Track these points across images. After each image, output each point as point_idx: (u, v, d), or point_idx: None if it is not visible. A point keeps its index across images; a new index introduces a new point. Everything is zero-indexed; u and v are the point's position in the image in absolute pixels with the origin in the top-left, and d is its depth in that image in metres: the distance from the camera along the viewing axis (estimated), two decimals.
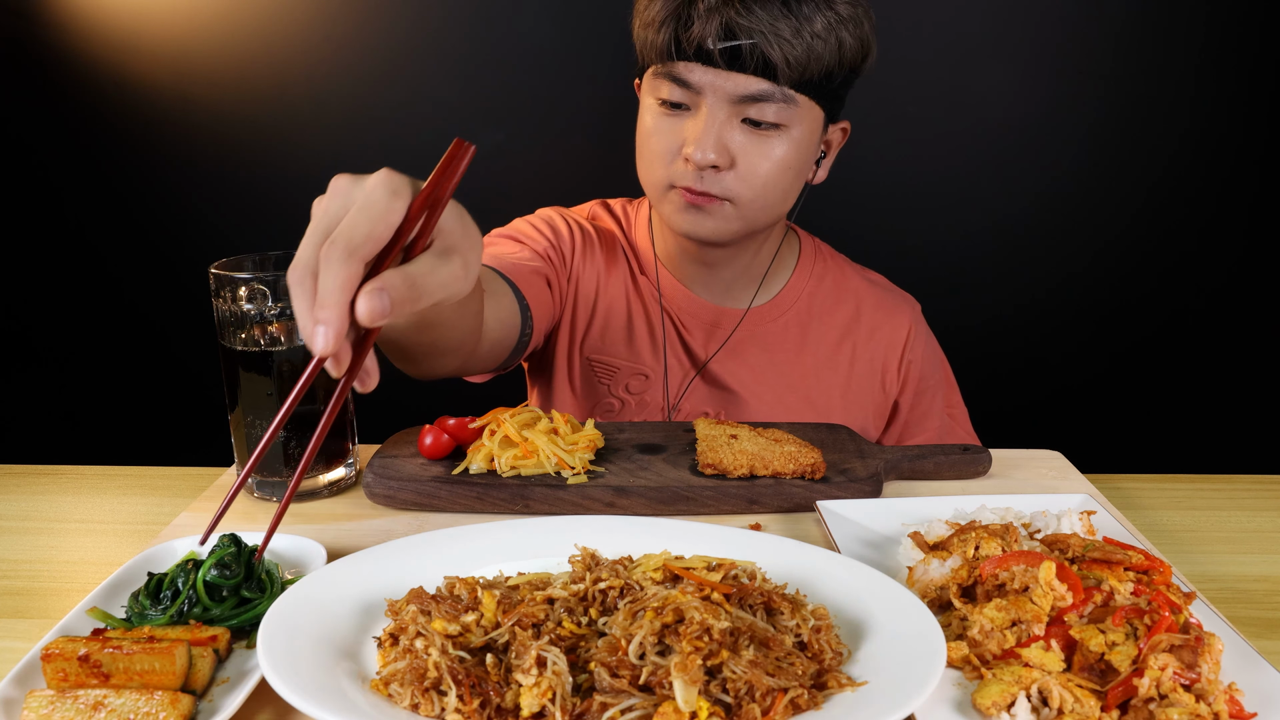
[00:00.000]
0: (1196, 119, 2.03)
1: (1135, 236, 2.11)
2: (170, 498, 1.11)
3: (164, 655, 0.68)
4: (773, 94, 1.18)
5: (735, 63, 1.17)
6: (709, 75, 1.18)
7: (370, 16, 2.02)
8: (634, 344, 1.41)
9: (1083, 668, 0.69)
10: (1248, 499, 1.10)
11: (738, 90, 1.18)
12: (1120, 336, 2.17)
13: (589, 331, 1.41)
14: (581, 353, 1.41)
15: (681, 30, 1.18)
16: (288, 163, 2.11)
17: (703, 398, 1.40)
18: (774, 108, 1.19)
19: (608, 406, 1.40)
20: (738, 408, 1.40)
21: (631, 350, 1.40)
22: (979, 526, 0.85)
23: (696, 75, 1.19)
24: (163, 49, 2.06)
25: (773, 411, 1.40)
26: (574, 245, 1.41)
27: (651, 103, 1.26)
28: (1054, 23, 1.98)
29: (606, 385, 1.39)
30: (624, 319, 1.41)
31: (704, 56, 1.17)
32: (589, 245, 1.43)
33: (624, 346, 1.40)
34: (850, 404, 1.42)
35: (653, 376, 1.39)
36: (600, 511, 0.99)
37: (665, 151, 1.25)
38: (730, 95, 1.19)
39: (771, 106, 1.19)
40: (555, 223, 1.42)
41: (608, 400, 1.39)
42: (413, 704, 0.65)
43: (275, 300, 0.99)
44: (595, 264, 1.42)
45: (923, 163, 2.08)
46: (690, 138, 1.21)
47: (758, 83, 1.18)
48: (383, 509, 1.03)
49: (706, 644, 0.65)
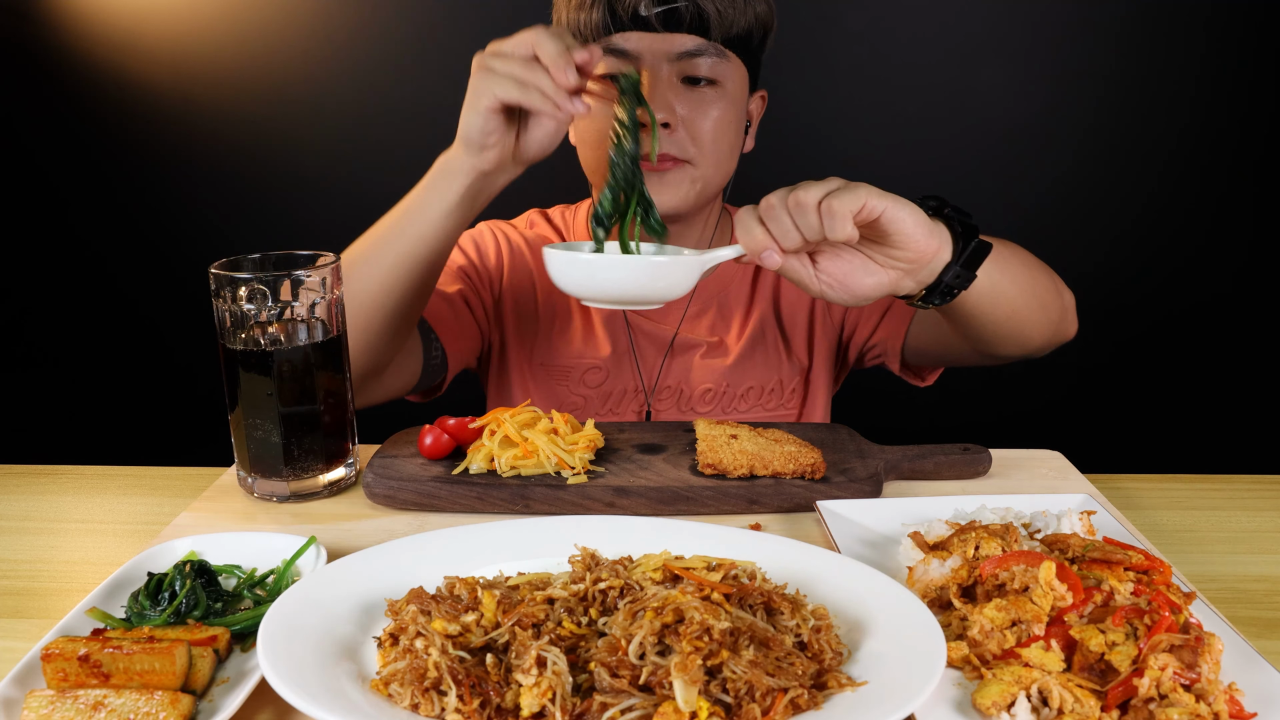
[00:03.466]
0: (1196, 120, 2.03)
1: (1135, 237, 2.11)
2: (170, 498, 1.11)
3: (164, 655, 0.68)
4: (706, 49, 1.25)
5: (671, 23, 1.23)
6: (646, 40, 1.24)
7: (370, 17, 2.02)
8: (587, 340, 1.42)
9: (1083, 668, 0.69)
10: (1248, 499, 1.10)
11: (675, 49, 1.25)
12: (1121, 336, 2.17)
13: (536, 339, 1.42)
14: (532, 362, 1.42)
15: (616, 2, 1.23)
16: (288, 163, 2.11)
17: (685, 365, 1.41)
18: (709, 62, 1.26)
19: (572, 405, 1.41)
20: (721, 355, 1.40)
21: (583, 347, 1.41)
22: (979, 526, 0.85)
23: (633, 42, 1.25)
24: (163, 49, 2.06)
25: (754, 349, 1.40)
26: (500, 258, 1.44)
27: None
28: (1054, 23, 1.98)
29: (565, 386, 1.41)
30: (567, 319, 1.43)
31: (640, 23, 1.24)
32: (518, 255, 1.45)
33: (574, 345, 1.42)
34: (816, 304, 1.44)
35: (606, 367, 1.40)
36: (600, 511, 0.99)
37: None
38: (669, 54, 1.25)
39: (706, 61, 1.26)
40: (482, 239, 1.45)
41: (571, 399, 1.41)
42: (413, 704, 0.65)
43: (274, 300, 0.99)
44: (528, 272, 1.44)
45: (923, 163, 2.08)
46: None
47: (693, 40, 1.25)
48: (383, 509, 1.03)
49: (706, 644, 0.65)
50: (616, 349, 1.41)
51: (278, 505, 1.04)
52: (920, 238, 0.95)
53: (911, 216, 0.93)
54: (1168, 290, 2.14)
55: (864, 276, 0.98)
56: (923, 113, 2.04)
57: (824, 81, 2.03)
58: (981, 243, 0.99)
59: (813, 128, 2.07)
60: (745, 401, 1.39)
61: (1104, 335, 2.18)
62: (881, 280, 0.99)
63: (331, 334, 1.03)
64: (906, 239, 0.94)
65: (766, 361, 1.42)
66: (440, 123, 2.06)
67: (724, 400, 1.39)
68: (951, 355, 1.33)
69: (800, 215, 0.91)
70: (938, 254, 0.98)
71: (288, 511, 1.02)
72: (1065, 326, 1.25)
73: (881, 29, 2.00)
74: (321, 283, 1.01)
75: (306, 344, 1.01)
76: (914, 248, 0.95)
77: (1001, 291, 1.08)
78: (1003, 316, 1.12)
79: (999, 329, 1.14)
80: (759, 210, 0.95)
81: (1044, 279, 1.19)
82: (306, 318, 1.01)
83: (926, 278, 1.00)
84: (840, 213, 0.89)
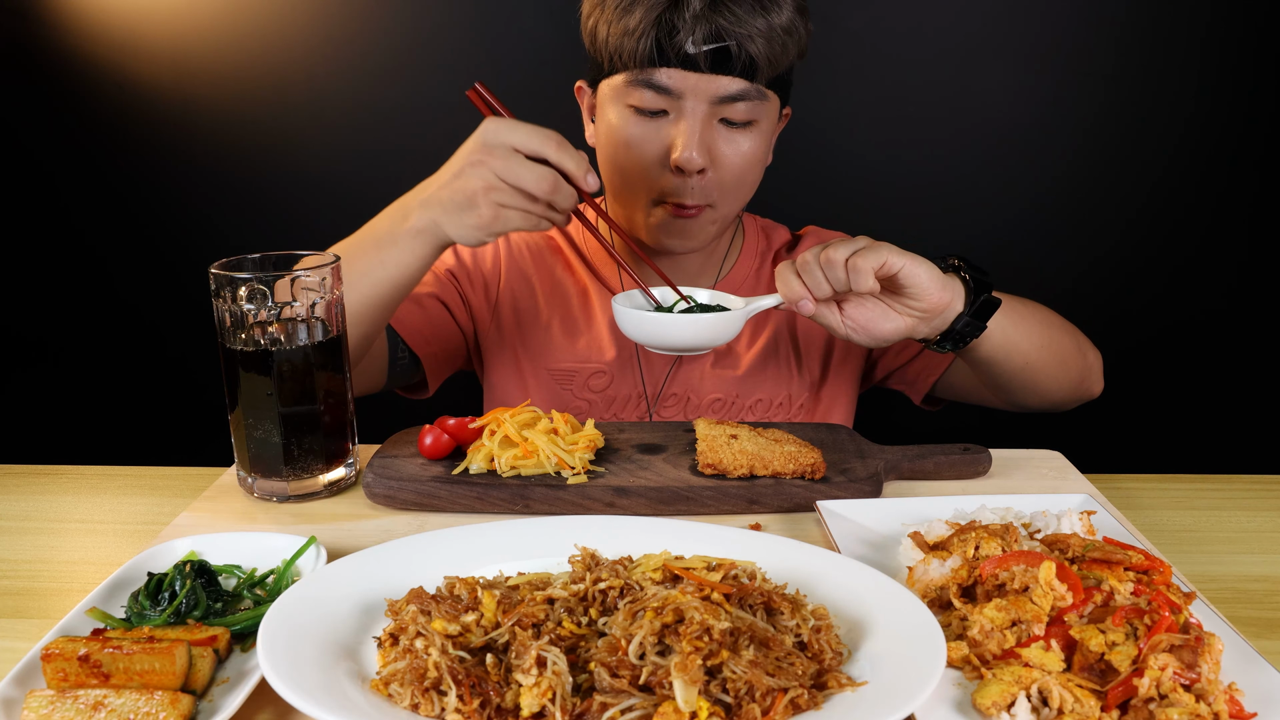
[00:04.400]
0: (1197, 122, 2.03)
1: (1136, 238, 2.11)
2: (170, 498, 1.11)
3: (164, 655, 0.68)
4: (749, 92, 1.21)
5: (720, 65, 1.18)
6: (690, 79, 1.19)
7: (370, 17, 2.02)
8: (589, 343, 1.41)
9: (1083, 668, 0.69)
10: (1248, 499, 1.10)
11: (719, 92, 1.20)
12: (1121, 336, 2.16)
13: (537, 342, 1.41)
14: (535, 365, 1.41)
15: (665, 37, 1.17)
16: (287, 163, 2.11)
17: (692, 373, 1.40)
18: (748, 105, 1.22)
19: (575, 410, 1.40)
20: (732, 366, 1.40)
21: (587, 350, 1.41)
22: (979, 526, 0.85)
23: (676, 80, 1.19)
24: (163, 49, 2.06)
25: (766, 361, 1.40)
26: (497, 261, 1.43)
27: (622, 110, 1.25)
28: (1054, 23, 1.98)
29: (570, 390, 1.40)
30: (571, 322, 1.42)
31: (688, 61, 1.18)
32: (517, 257, 1.44)
33: (578, 349, 1.41)
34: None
35: (612, 372, 1.40)
36: (600, 511, 0.99)
37: (650, 160, 1.24)
38: (711, 97, 1.20)
39: (747, 105, 1.22)
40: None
41: (575, 404, 1.40)
42: (413, 704, 0.65)
43: (275, 300, 0.99)
44: (527, 275, 1.43)
45: (923, 164, 2.08)
46: (678, 143, 1.22)
47: (738, 84, 1.20)
48: (383, 509, 1.03)
49: (706, 644, 0.65)
50: (622, 353, 1.40)
51: (278, 505, 1.04)
52: (934, 291, 1.08)
53: (927, 272, 1.07)
54: (1167, 291, 2.14)
55: (884, 322, 1.12)
56: (922, 112, 2.04)
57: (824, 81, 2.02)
58: (990, 298, 1.12)
59: (813, 128, 2.07)
60: (752, 413, 1.39)
61: (1105, 335, 2.17)
62: (899, 326, 1.12)
63: (331, 334, 1.03)
64: (922, 291, 1.08)
65: (778, 374, 1.41)
66: (440, 123, 2.07)
67: (731, 410, 1.39)
68: (977, 401, 1.42)
69: (830, 270, 1.06)
70: (949, 305, 1.10)
71: (288, 511, 1.02)
72: (1089, 385, 1.34)
73: (882, 29, 2.00)
74: (321, 282, 1.01)
75: (306, 344, 1.01)
76: (928, 299, 1.09)
77: (1015, 344, 1.19)
78: (1017, 367, 1.22)
79: (1015, 378, 1.24)
80: (796, 265, 1.09)
81: (1065, 338, 1.29)
82: (306, 317, 1.01)
83: (940, 325, 1.12)
84: (864, 269, 1.04)
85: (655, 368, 1.40)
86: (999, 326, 1.15)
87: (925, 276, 1.07)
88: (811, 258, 1.07)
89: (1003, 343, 1.18)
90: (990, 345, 1.17)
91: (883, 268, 1.05)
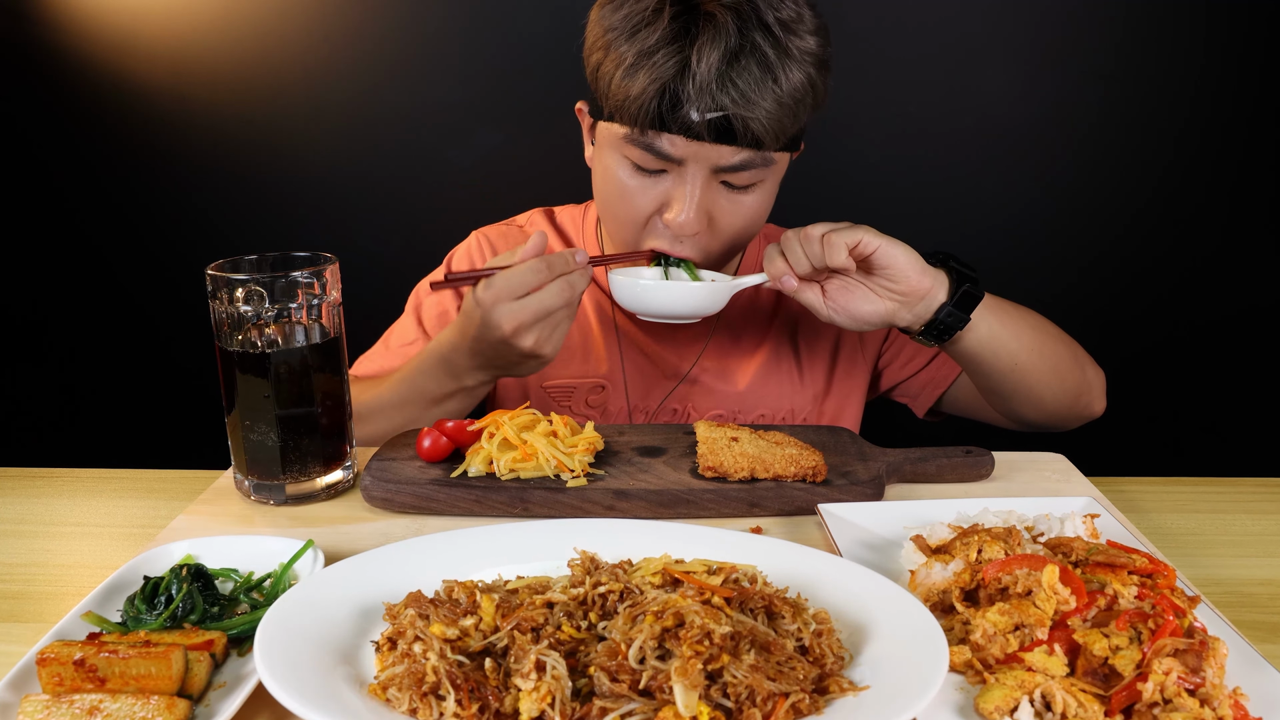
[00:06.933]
0: (1198, 121, 2.02)
1: (1139, 238, 2.11)
2: (166, 500, 1.11)
3: (160, 659, 0.68)
4: (754, 160, 1.15)
5: (724, 136, 1.12)
6: (692, 147, 1.13)
7: (369, 18, 2.02)
8: (588, 358, 1.40)
9: (1086, 672, 0.69)
10: (1252, 502, 1.10)
11: (721, 160, 1.14)
12: (1123, 337, 2.16)
13: None
14: (534, 382, 1.40)
15: (668, 108, 1.11)
16: (286, 163, 2.11)
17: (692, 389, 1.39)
18: (752, 171, 1.17)
19: None
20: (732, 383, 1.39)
21: (585, 365, 1.40)
22: (982, 530, 0.84)
23: (679, 147, 1.14)
24: (161, 49, 2.05)
25: (767, 376, 1.40)
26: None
27: (620, 159, 1.20)
28: (1054, 23, 1.98)
29: (567, 406, 1.39)
30: (575, 337, 1.40)
31: (689, 131, 1.12)
32: None
33: (576, 364, 1.40)
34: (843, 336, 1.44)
35: (610, 386, 1.39)
36: (600, 514, 0.99)
37: (645, 212, 1.21)
38: (713, 164, 1.15)
39: (750, 171, 1.17)
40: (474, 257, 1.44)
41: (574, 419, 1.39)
42: (411, 709, 0.65)
43: (272, 301, 0.99)
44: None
45: (923, 164, 2.08)
46: (673, 205, 1.18)
47: (741, 154, 1.14)
48: (381, 512, 1.02)
49: (707, 648, 0.65)
50: (619, 370, 1.39)
51: (275, 508, 1.03)
52: (913, 275, 1.12)
53: (905, 255, 1.11)
54: (1170, 293, 2.14)
55: (864, 304, 1.15)
56: (922, 112, 2.04)
57: None
58: (972, 290, 1.14)
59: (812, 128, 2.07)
60: None
61: (1107, 336, 2.17)
62: (879, 309, 1.15)
63: (329, 336, 1.02)
64: (899, 273, 1.12)
65: (780, 390, 1.41)
66: (440, 123, 2.07)
67: None
68: (980, 417, 1.43)
69: (807, 244, 1.12)
70: (930, 292, 1.13)
71: (285, 514, 1.02)
72: (1088, 400, 1.33)
73: (883, 29, 2.00)
74: (319, 284, 1.00)
75: (304, 346, 1.00)
76: (905, 282, 1.12)
77: (1002, 342, 1.20)
78: (1005, 367, 1.23)
79: (1005, 380, 1.25)
80: (780, 244, 1.15)
81: (1060, 347, 1.29)
82: (304, 319, 1.01)
83: (924, 313, 1.15)
84: (837, 244, 1.09)
85: (653, 383, 1.39)
86: (985, 322, 1.17)
87: (903, 259, 1.11)
88: (792, 234, 1.14)
89: (989, 339, 1.19)
90: (975, 339, 1.18)
91: (858, 246, 1.09)
